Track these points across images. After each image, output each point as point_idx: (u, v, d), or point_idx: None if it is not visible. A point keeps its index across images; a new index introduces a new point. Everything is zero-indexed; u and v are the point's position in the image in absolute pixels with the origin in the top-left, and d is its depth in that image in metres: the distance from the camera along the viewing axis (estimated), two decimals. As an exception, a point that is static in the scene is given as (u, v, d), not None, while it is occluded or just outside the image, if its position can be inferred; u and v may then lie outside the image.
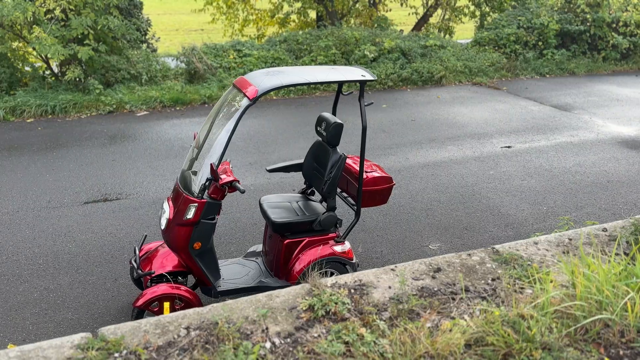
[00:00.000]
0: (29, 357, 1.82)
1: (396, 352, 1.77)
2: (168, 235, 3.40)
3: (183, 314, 2.05)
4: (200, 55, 10.47)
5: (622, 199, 5.66)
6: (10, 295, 3.93)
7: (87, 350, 1.83)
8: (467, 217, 5.24)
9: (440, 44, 11.95)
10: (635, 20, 12.71)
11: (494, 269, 2.37)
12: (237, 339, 1.84)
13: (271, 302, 2.14)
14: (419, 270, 2.36)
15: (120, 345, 1.85)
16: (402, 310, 2.01)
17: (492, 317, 1.90)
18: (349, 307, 2.07)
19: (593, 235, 2.67)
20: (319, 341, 1.84)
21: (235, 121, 3.19)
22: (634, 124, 8.42)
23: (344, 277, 2.33)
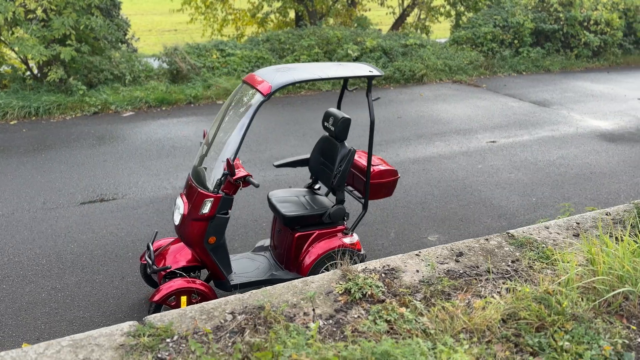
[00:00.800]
0: (82, 345, 1.86)
1: (437, 328, 1.88)
2: (183, 231, 3.44)
3: (225, 300, 2.12)
4: (183, 55, 10.43)
5: (605, 189, 5.91)
6: (17, 296, 3.91)
7: (139, 337, 1.88)
8: (461, 210, 5.41)
9: (420, 43, 12.17)
10: (605, 19, 13.18)
11: (512, 252, 2.51)
12: (283, 321, 1.92)
13: (307, 288, 2.22)
14: (442, 255, 2.48)
15: (169, 331, 1.91)
16: (435, 291, 2.12)
17: (521, 295, 2.03)
18: (383, 289, 2.17)
19: (599, 219, 2.84)
20: (360, 321, 1.94)
21: (250, 117, 3.26)
22: (609, 118, 8.76)
23: (372, 263, 2.42)
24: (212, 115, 8.67)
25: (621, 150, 7.19)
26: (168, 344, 1.86)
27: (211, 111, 8.93)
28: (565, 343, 1.82)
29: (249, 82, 3.47)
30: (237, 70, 10.57)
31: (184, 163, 6.56)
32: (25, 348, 1.89)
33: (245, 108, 3.40)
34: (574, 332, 1.85)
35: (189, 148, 7.09)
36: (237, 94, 3.65)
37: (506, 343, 1.86)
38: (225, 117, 3.65)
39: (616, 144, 7.47)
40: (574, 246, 2.46)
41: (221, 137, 3.59)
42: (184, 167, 6.41)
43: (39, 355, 1.82)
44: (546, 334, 1.89)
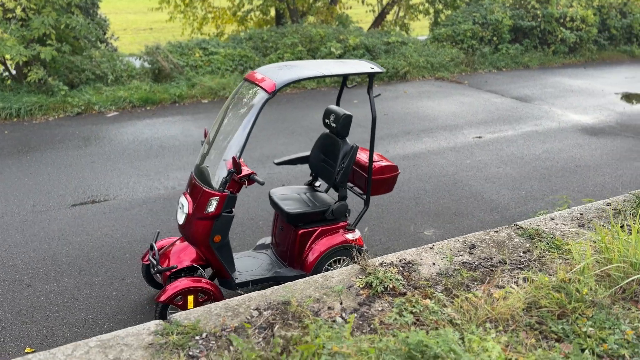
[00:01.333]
0: (110, 346, 1.85)
1: (462, 318, 1.92)
2: (188, 230, 3.42)
3: (248, 297, 2.12)
4: (165, 54, 10.33)
5: (591, 182, 6.06)
6: (15, 300, 3.84)
7: (168, 336, 1.88)
8: (454, 204, 5.49)
9: (401, 40, 12.27)
10: (581, 16, 13.48)
11: (522, 243, 2.57)
12: (311, 316, 1.93)
13: (328, 282, 2.24)
14: (456, 247, 2.53)
15: (197, 328, 1.91)
16: (455, 283, 2.16)
17: (539, 284, 2.08)
18: (403, 282, 2.21)
19: (601, 209, 2.93)
20: (385, 314, 1.97)
21: (255, 115, 3.26)
22: (589, 112, 8.97)
23: (389, 257, 2.46)
24: (197, 115, 8.61)
25: (603, 144, 7.38)
26: (198, 342, 1.86)
27: (196, 110, 8.87)
28: (589, 329, 1.88)
29: (251, 80, 3.46)
30: (220, 69, 10.50)
31: (173, 163, 6.51)
32: (52, 350, 1.87)
33: (249, 106, 3.40)
34: (596, 318, 1.92)
35: (178, 148, 7.03)
36: (239, 92, 3.65)
37: (531, 331, 1.92)
38: (226, 116, 3.64)
39: (598, 137, 7.67)
40: (584, 236, 2.53)
41: (224, 136, 3.58)
42: (174, 167, 6.36)
43: (67, 357, 1.81)
44: (568, 321, 1.96)
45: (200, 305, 3.39)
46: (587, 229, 2.72)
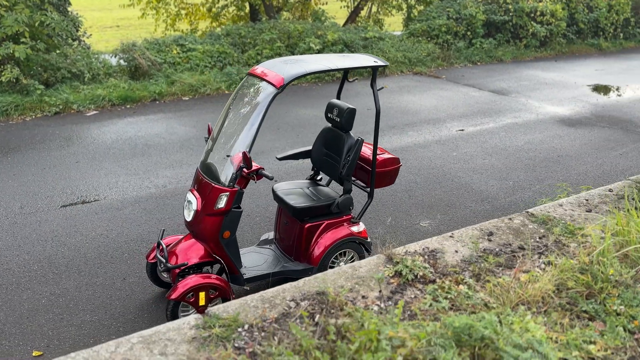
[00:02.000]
0: (153, 341, 1.84)
1: (496, 302, 1.98)
2: (197, 226, 3.41)
3: (282, 289, 2.14)
4: (142, 51, 10.16)
5: (574, 171, 6.26)
6: (15, 304, 3.75)
7: (210, 329, 1.88)
8: (445, 196, 5.59)
9: (379, 36, 12.37)
10: (550, 10, 13.84)
11: (537, 229, 2.66)
12: (349, 304, 1.96)
13: (357, 272, 2.28)
14: (474, 235, 2.60)
15: (237, 321, 1.92)
16: (482, 269, 2.23)
17: (563, 267, 2.16)
18: (431, 270, 2.26)
19: (605, 195, 3.05)
20: (420, 300, 2.01)
21: (264, 110, 3.26)
22: (565, 104, 9.24)
23: (412, 246, 2.51)
24: (180, 112, 8.51)
25: (581, 134, 7.61)
26: (241, 334, 1.87)
27: (178, 108, 8.76)
28: (619, 307, 1.97)
29: (257, 74, 3.46)
30: (199, 65, 10.40)
31: (161, 161, 6.43)
32: (95, 348, 1.84)
33: (257, 101, 3.40)
34: (623, 297, 2.01)
35: (164, 146, 6.94)
36: (243, 87, 3.64)
37: (562, 311, 2.00)
38: (231, 112, 3.63)
39: (576, 128, 7.91)
40: (601, 220, 2.64)
41: (230, 132, 3.57)
42: (163, 166, 6.28)
43: (111, 354, 1.79)
44: (597, 301, 2.05)
45: (211, 301, 3.39)
46: (595, 213, 2.84)
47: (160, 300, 3.82)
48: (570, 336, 1.79)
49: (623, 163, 6.49)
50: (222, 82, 9.92)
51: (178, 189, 5.67)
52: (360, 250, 3.92)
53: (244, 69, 10.42)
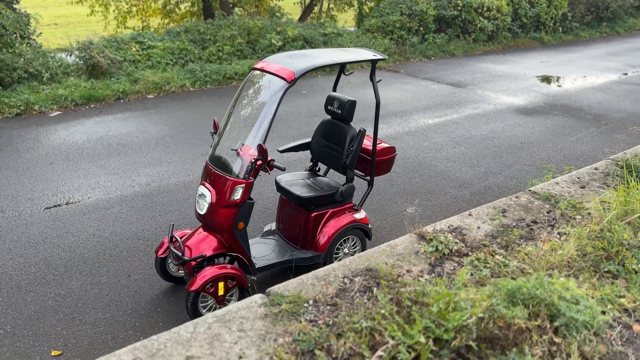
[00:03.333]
0: (228, 320, 1.94)
1: (530, 268, 2.21)
2: (212, 219, 3.47)
3: (332, 267, 2.28)
4: (100, 49, 9.91)
5: (538, 156, 6.70)
6: (21, 307, 3.69)
7: (279, 305, 2.00)
8: (425, 183, 5.87)
9: (337, 32, 12.59)
10: (496, 6, 14.51)
11: (542, 205, 2.93)
12: (400, 278, 2.14)
13: (395, 250, 2.45)
14: (490, 213, 2.83)
15: (301, 297, 2.05)
16: (508, 241, 2.46)
17: (578, 235, 2.42)
18: (462, 245, 2.46)
19: (592, 173, 3.37)
20: (459, 271, 2.21)
21: (276, 103, 3.36)
22: (518, 94, 9.78)
23: (438, 224, 2.71)
24: (147, 111, 8.40)
25: (538, 122, 8.12)
26: (307, 308, 2.00)
27: (145, 106, 8.64)
28: (637, 266, 2.25)
29: (265, 70, 3.56)
30: (161, 63, 10.26)
31: (139, 160, 6.37)
32: (174, 329, 1.91)
33: (267, 95, 3.50)
34: (638, 257, 2.29)
35: (139, 145, 6.87)
36: (249, 82, 3.73)
37: (587, 272, 2.25)
38: (238, 106, 3.71)
39: (532, 117, 8.42)
40: (594, 194, 2.93)
41: (238, 126, 3.66)
42: (142, 164, 6.23)
43: (191, 334, 1.87)
44: (615, 262, 2.32)
45: (229, 290, 3.48)
46: (588, 190, 3.15)
47: (170, 294, 3.86)
48: (603, 292, 2.04)
49: (580, 147, 7.00)
50: (186, 79, 9.84)
51: (162, 186, 5.66)
52: (362, 236, 4.11)
53: (207, 65, 10.37)
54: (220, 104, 8.83)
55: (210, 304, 3.48)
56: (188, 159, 6.45)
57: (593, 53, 14.18)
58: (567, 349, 1.73)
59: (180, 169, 6.14)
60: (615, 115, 8.48)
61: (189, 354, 1.77)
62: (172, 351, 1.78)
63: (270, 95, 3.48)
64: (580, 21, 17.08)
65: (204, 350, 1.79)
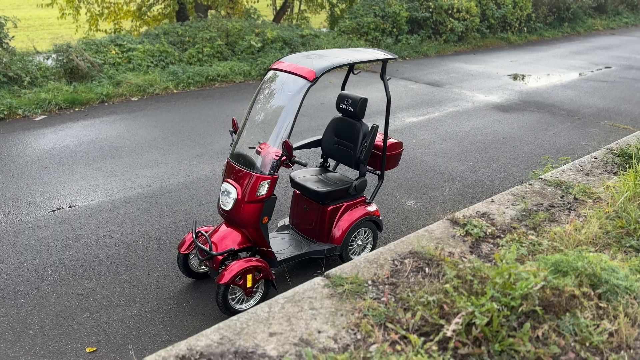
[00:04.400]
0: (299, 300, 2.09)
1: (562, 245, 2.44)
2: (237, 214, 3.59)
3: (380, 252, 2.45)
4: (80, 52, 9.80)
5: (520, 150, 7.05)
6: (46, 307, 3.73)
7: (342, 286, 2.15)
8: (420, 178, 6.11)
9: (314, 33, 12.77)
10: (465, 7, 14.99)
11: (555, 191, 3.18)
12: (444, 259, 2.33)
13: (433, 234, 2.64)
14: (510, 199, 3.06)
15: (359, 279, 2.21)
16: (535, 223, 2.68)
17: (597, 215, 2.67)
18: (493, 228, 2.67)
19: (592, 162, 3.65)
20: (496, 251, 2.42)
21: (299, 102, 3.51)
22: (493, 92, 10.19)
23: (466, 211, 2.91)
24: (134, 113, 8.38)
25: (516, 118, 8.50)
26: (368, 288, 2.16)
27: (130, 109, 8.62)
28: (658, 241, 2.51)
29: (285, 69, 3.70)
30: (141, 65, 10.21)
31: (136, 162, 6.39)
32: (250, 310, 2.03)
33: (288, 94, 3.64)
34: (656, 233, 2.56)
35: (132, 147, 6.88)
36: (267, 82, 3.86)
37: (612, 248, 2.49)
38: (256, 106, 3.84)
39: (510, 113, 8.80)
40: (607, 180, 3.20)
41: (260, 124, 3.79)
42: (139, 166, 6.26)
43: (268, 313, 2.01)
44: (635, 238, 2.57)
45: (256, 282, 3.61)
46: (592, 176, 3.42)
47: (193, 289, 3.96)
48: (630, 263, 2.28)
49: (559, 141, 7.39)
50: (169, 81, 9.85)
51: (164, 187, 5.71)
52: (374, 228, 4.30)
53: (188, 67, 10.39)
54: (207, 106, 8.89)
55: (238, 296, 3.60)
56: (184, 160, 6.50)
57: (558, 52, 14.82)
58: (613, 312, 1.96)
59: (179, 170, 6.19)
60: (586, 111, 8.95)
61: (271, 331, 1.90)
62: (255, 329, 1.91)
63: (291, 94, 3.62)
64: (544, 22, 17.79)
65: (283, 327, 1.93)
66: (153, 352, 3.14)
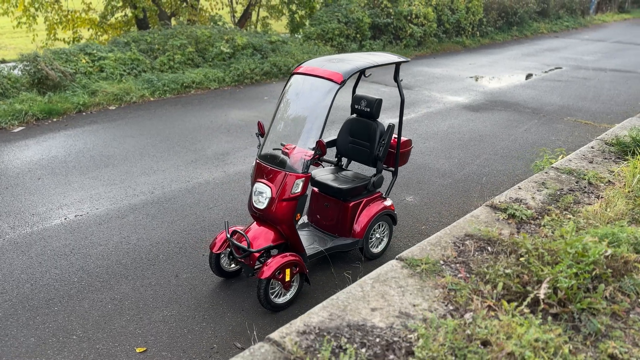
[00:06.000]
0: (384, 279, 2.30)
1: (595, 222, 2.76)
2: (271, 213, 3.75)
3: (439, 235, 2.69)
4: (49, 62, 9.59)
5: (498, 146, 7.51)
6: (82, 313, 3.76)
7: (418, 266, 2.38)
8: (412, 175, 6.43)
9: (282, 40, 12.97)
10: (423, 13, 15.60)
11: (569, 177, 3.53)
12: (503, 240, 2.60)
13: (479, 219, 2.91)
14: (534, 186, 3.38)
15: (430, 260, 2.44)
16: (566, 204, 3.00)
17: (619, 195, 3.02)
18: (531, 211, 2.98)
19: (591, 152, 4.05)
20: (542, 231, 2.72)
21: (330, 103, 3.73)
22: (460, 94, 10.71)
23: (500, 197, 3.20)
24: (116, 122, 8.31)
25: (487, 117, 9.01)
26: (442, 267, 2.39)
27: (111, 118, 8.53)
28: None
29: (311, 73, 3.90)
30: (114, 73, 10.09)
31: (132, 170, 6.39)
32: (346, 289, 2.21)
33: (317, 96, 3.84)
34: (670, 209, 2.92)
35: (123, 156, 6.86)
36: (291, 86, 4.04)
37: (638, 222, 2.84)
38: (282, 109, 4.02)
39: (480, 113, 9.31)
40: (621, 164, 3.58)
41: (288, 126, 3.97)
42: (136, 174, 6.26)
43: (362, 292, 2.20)
44: (654, 213, 2.94)
45: (294, 275, 3.79)
46: (595, 163, 3.82)
47: (226, 287, 4.08)
48: (659, 234, 2.64)
49: (530, 137, 7.91)
50: (144, 89, 9.79)
51: (167, 193, 5.76)
52: (390, 222, 4.55)
53: (162, 75, 10.35)
54: (187, 113, 8.91)
55: (276, 290, 3.77)
56: (180, 166, 6.55)
57: (511, 54, 15.65)
58: (662, 274, 2.29)
59: (177, 176, 6.24)
60: (548, 108, 9.58)
61: (372, 307, 2.10)
62: (357, 305, 2.11)
63: (319, 96, 3.83)
64: (494, 26, 18.71)
65: (381, 303, 2.13)
66: (202, 349, 3.30)
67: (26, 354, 3.37)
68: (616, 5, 27.83)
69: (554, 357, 1.78)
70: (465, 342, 1.82)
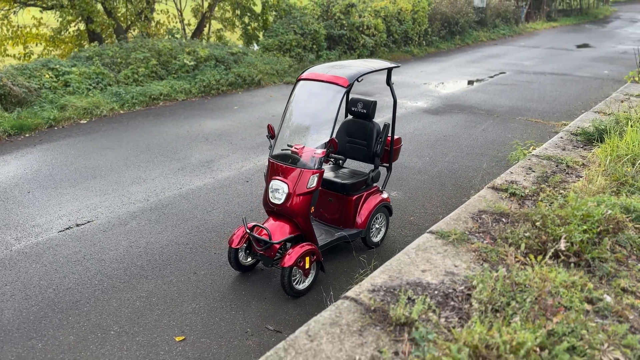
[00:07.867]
0: (423, 249, 2.70)
1: (584, 194, 3.28)
2: (289, 207, 4.08)
3: (457, 213, 3.12)
4: (12, 77, 9.47)
5: (463, 144, 8.14)
6: (112, 312, 3.94)
7: (448, 237, 2.80)
8: (392, 173, 6.88)
9: (243, 51, 13.26)
10: (373, 24, 16.32)
11: (549, 162, 4.08)
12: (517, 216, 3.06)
13: (487, 198, 3.37)
14: (522, 170, 3.89)
15: (457, 232, 2.87)
16: (556, 182, 3.52)
17: (596, 173, 3.57)
18: (528, 190, 3.48)
19: (561, 141, 4.64)
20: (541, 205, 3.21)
21: (338, 105, 4.13)
22: (418, 99, 11.38)
23: (498, 180, 3.68)
24: (89, 135, 8.35)
25: (447, 119, 9.67)
26: (469, 236, 2.81)
27: (84, 131, 8.55)
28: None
29: (317, 79, 4.28)
30: (80, 88, 10.06)
31: (120, 180, 6.52)
32: (397, 257, 2.57)
33: (325, 100, 4.24)
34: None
35: (108, 167, 6.96)
36: (298, 91, 4.41)
37: (618, 193, 3.37)
38: (290, 112, 4.38)
39: (440, 116, 9.97)
40: (595, 147, 4.15)
41: (297, 127, 4.33)
42: (125, 183, 6.40)
43: (409, 258, 2.58)
44: (628, 185, 3.48)
45: (312, 263, 4.14)
46: (567, 150, 4.41)
47: (245, 278, 4.36)
48: (637, 199, 3.17)
49: (489, 135, 8.61)
50: (113, 102, 9.83)
51: (162, 200, 5.95)
52: (387, 213, 4.98)
53: (129, 87, 10.41)
54: (160, 124, 9.05)
55: (297, 278, 4.10)
56: (168, 174, 6.73)
57: (457, 62, 16.61)
58: (646, 229, 2.82)
59: (168, 183, 6.43)
60: (500, 110, 10.38)
61: (422, 269, 2.49)
62: (409, 269, 2.49)
63: (327, 99, 4.23)
64: (438, 35, 19.74)
65: (427, 265, 2.52)
66: (237, 333, 3.59)
67: (69, 351, 3.53)
68: (544, 14, 29.88)
69: (581, 292, 2.24)
70: (511, 287, 2.24)
